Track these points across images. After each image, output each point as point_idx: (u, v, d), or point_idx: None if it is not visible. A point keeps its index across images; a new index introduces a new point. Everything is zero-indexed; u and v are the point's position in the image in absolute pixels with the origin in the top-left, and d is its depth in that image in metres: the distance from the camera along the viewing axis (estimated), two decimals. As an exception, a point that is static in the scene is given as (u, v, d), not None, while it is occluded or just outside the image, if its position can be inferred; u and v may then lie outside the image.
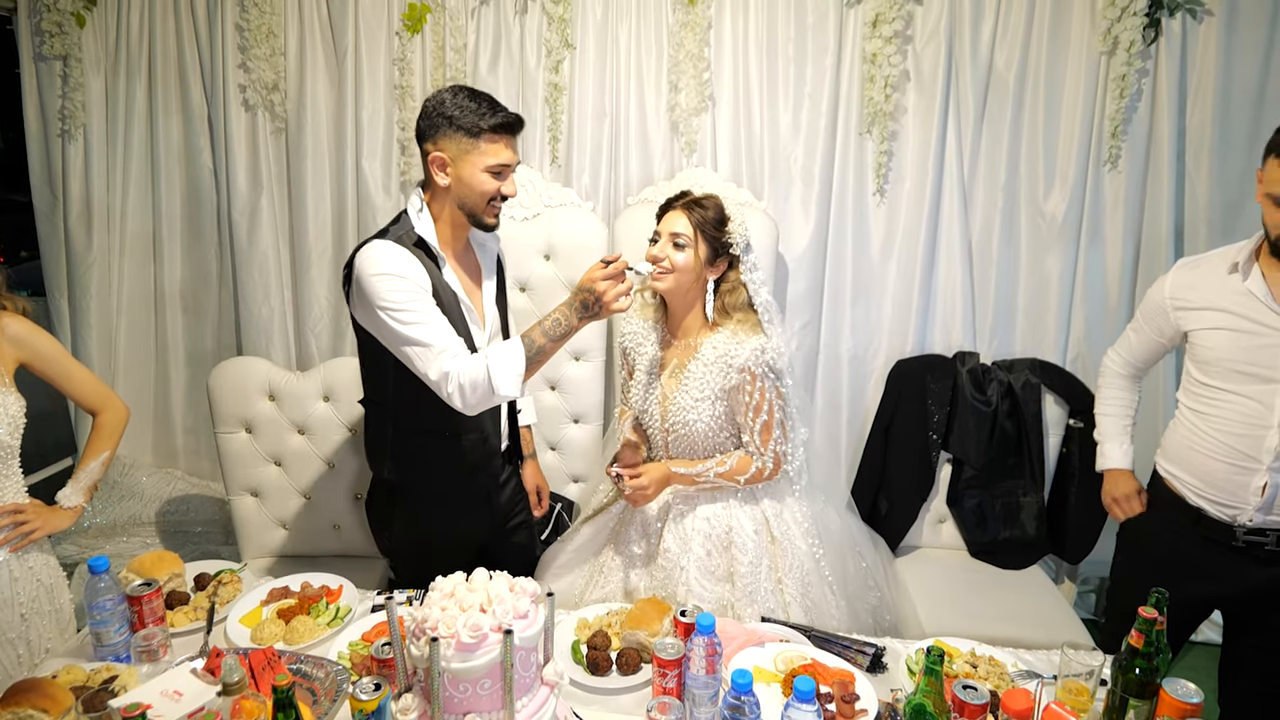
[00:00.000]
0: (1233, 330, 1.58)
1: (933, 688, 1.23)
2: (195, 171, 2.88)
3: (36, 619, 1.61)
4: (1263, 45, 2.39)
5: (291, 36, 2.70)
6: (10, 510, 1.57)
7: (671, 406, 1.83)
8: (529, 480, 2.09)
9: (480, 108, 1.59)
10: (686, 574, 1.79)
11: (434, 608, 1.07)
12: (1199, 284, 1.66)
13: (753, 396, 1.76)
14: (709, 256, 1.76)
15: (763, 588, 1.79)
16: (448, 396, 1.54)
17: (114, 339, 3.02)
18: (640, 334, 1.94)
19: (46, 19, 2.69)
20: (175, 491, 3.05)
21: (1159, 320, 1.75)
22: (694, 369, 1.79)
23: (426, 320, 1.55)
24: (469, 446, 1.77)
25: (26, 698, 1.23)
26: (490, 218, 1.67)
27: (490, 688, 1.05)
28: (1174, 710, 1.23)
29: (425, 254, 1.63)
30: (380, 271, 1.55)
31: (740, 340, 1.75)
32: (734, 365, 1.75)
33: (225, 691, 1.15)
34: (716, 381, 1.77)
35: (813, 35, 2.52)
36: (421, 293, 1.57)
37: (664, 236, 1.77)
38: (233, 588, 1.73)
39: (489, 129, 1.58)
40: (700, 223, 1.74)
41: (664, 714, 1.25)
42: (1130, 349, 1.88)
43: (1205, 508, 1.68)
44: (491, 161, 1.60)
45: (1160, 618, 1.27)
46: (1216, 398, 1.63)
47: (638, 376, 1.92)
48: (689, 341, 1.84)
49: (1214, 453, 1.64)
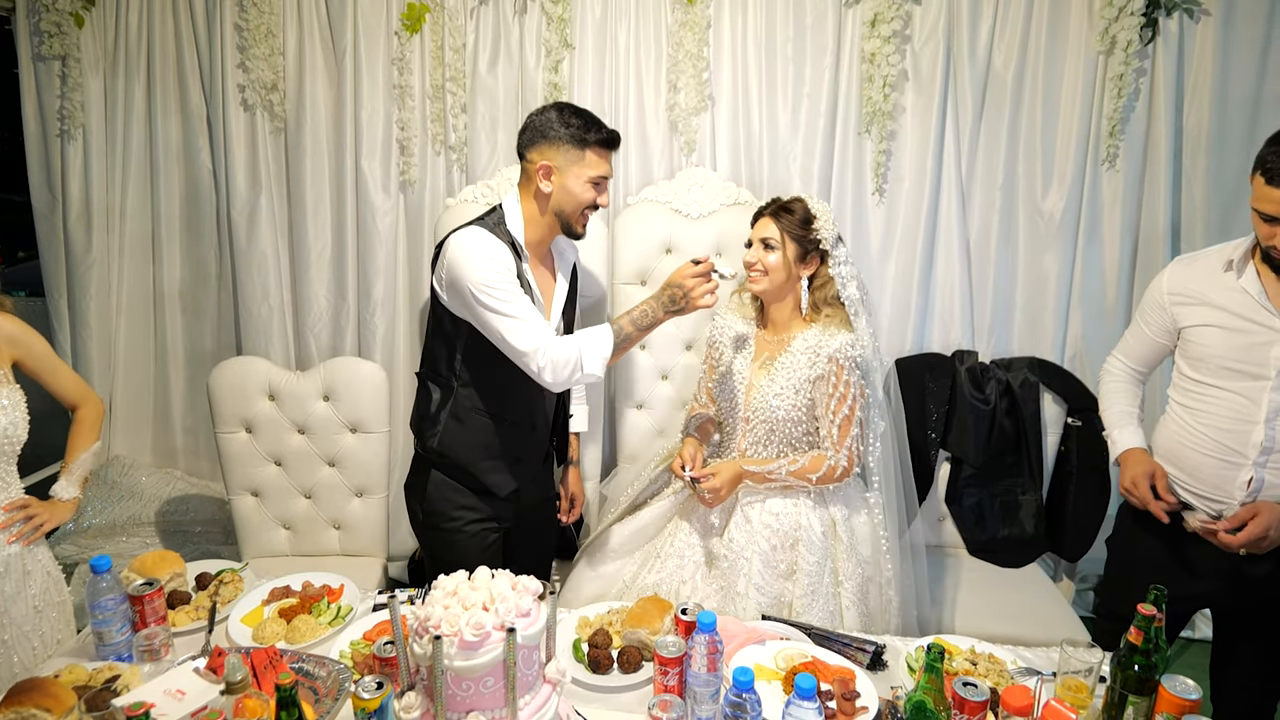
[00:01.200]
0: (1226, 328, 1.59)
1: (933, 685, 1.24)
2: (194, 171, 2.88)
3: (49, 611, 1.63)
4: (1259, 44, 2.41)
5: (290, 36, 2.70)
6: (19, 505, 1.58)
7: (756, 394, 1.88)
8: (568, 486, 2.17)
9: (586, 124, 1.72)
10: (750, 565, 1.82)
11: (437, 606, 1.08)
12: (1195, 280, 1.67)
13: (837, 388, 1.81)
14: (798, 255, 1.85)
15: (824, 588, 1.81)
16: (537, 370, 1.64)
17: (113, 339, 3.02)
18: (733, 328, 2.01)
19: (45, 19, 2.69)
20: (175, 491, 3.05)
21: (1158, 317, 1.75)
22: (784, 360, 1.86)
23: (517, 298, 1.66)
24: (518, 435, 1.85)
25: (30, 697, 1.23)
26: (580, 226, 1.78)
27: (493, 685, 1.06)
28: (1173, 707, 1.23)
29: (511, 248, 1.73)
30: (475, 253, 1.66)
31: (831, 334, 1.83)
32: (822, 355, 1.81)
33: (228, 690, 1.15)
34: (803, 371, 1.83)
35: (811, 35, 2.52)
36: (512, 275, 1.68)
37: (755, 242, 1.88)
38: (234, 587, 1.73)
39: (595, 142, 1.71)
40: (787, 225, 1.84)
41: (665, 712, 1.26)
42: (1130, 351, 1.87)
43: (1192, 502, 1.69)
44: (594, 173, 1.73)
45: (1159, 615, 1.28)
46: (1206, 394, 1.65)
47: (724, 367, 1.98)
48: (782, 336, 1.92)
49: (1201, 448, 1.66)
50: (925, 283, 2.65)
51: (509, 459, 1.84)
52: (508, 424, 1.83)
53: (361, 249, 2.81)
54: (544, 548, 2.13)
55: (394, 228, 2.79)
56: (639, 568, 1.96)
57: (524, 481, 1.89)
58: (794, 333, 1.89)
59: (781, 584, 1.83)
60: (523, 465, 1.88)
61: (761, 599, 1.81)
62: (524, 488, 1.88)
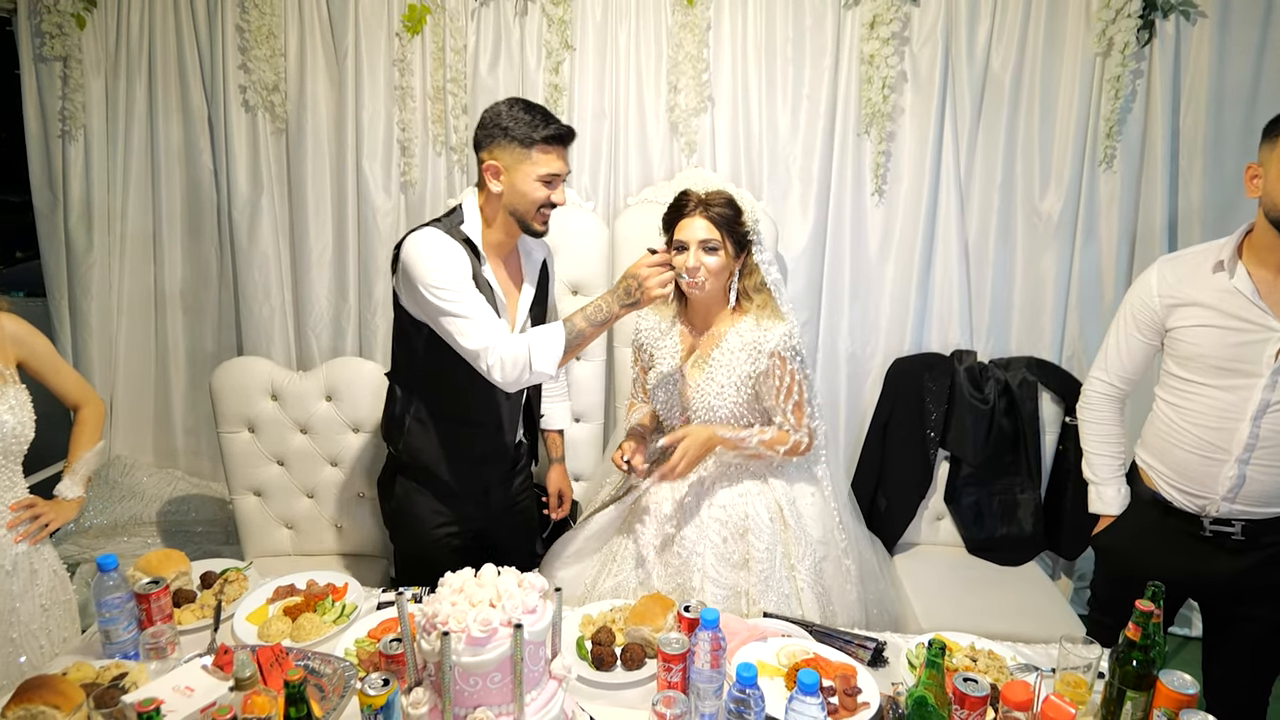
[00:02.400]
0: (1219, 327, 1.59)
1: (934, 680, 1.26)
2: (195, 172, 2.88)
3: (55, 609, 1.64)
4: (1255, 46, 2.42)
5: (292, 37, 2.71)
6: (25, 504, 1.59)
7: (695, 394, 1.85)
8: (553, 483, 2.15)
9: (534, 120, 1.66)
10: (703, 560, 1.81)
11: (444, 603, 1.09)
12: (1184, 280, 1.67)
13: (783, 380, 1.80)
14: (735, 251, 1.80)
15: (778, 574, 1.82)
16: (487, 369, 1.62)
17: (114, 339, 3.02)
18: (658, 329, 1.97)
19: (47, 20, 2.70)
20: (176, 492, 3.06)
21: (1147, 319, 1.73)
22: (719, 356, 1.83)
23: (469, 298, 1.64)
24: (482, 436, 1.84)
25: (39, 694, 1.24)
26: (539, 224, 1.73)
27: (500, 681, 1.07)
28: (1170, 701, 1.25)
29: (469, 249, 1.72)
30: (427, 254, 1.65)
31: (765, 328, 1.80)
32: (763, 351, 1.79)
33: (237, 686, 1.16)
34: (744, 368, 1.81)
35: (811, 36, 2.54)
36: (464, 276, 1.66)
37: (692, 245, 1.76)
38: (239, 586, 1.74)
39: (542, 139, 1.66)
40: (721, 221, 1.76)
41: (669, 708, 1.27)
42: (1121, 363, 1.81)
43: (1176, 497, 1.71)
44: (542, 171, 1.68)
45: (1157, 611, 1.29)
46: (1194, 391, 1.65)
47: (658, 369, 1.94)
48: (712, 331, 1.88)
49: (1186, 445, 1.67)
50: (924, 283, 2.66)
51: (474, 460, 1.83)
52: (471, 425, 1.82)
53: (362, 249, 2.82)
54: (529, 546, 2.12)
55: (395, 228, 2.80)
56: (598, 571, 1.94)
57: (492, 483, 1.88)
58: (723, 327, 1.85)
59: (735, 574, 1.83)
60: (490, 466, 1.87)
61: (717, 591, 1.80)
62: (493, 489, 1.87)
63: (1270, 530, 1.63)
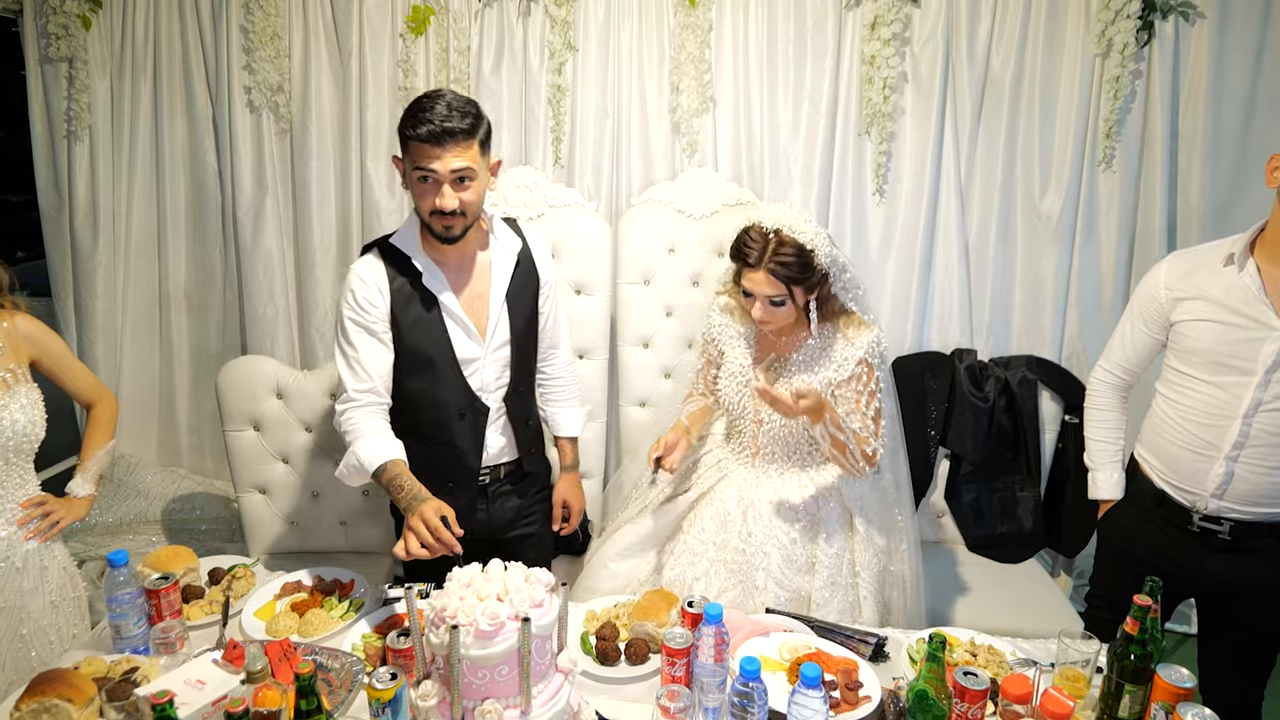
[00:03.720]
0: (1220, 322, 1.61)
1: (935, 674, 1.27)
2: (200, 172, 2.90)
3: (65, 606, 1.66)
4: (1254, 47, 2.44)
5: (296, 38, 2.72)
6: (37, 502, 1.61)
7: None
8: (558, 494, 2.04)
9: (405, 114, 1.56)
10: (769, 561, 1.78)
11: (453, 597, 1.11)
12: (1193, 274, 1.68)
13: (868, 385, 1.75)
14: (806, 291, 1.71)
15: (844, 581, 1.80)
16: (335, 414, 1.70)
17: (119, 338, 3.04)
18: (732, 329, 1.90)
19: (53, 21, 2.71)
20: (180, 490, 3.08)
21: (1153, 312, 1.75)
22: (797, 362, 1.78)
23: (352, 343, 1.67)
24: (440, 457, 1.77)
25: (52, 687, 1.26)
26: (438, 227, 1.61)
27: (508, 674, 1.09)
28: (1168, 695, 1.26)
29: (401, 265, 1.67)
30: (347, 284, 1.68)
31: (851, 338, 1.75)
32: (851, 359, 1.74)
33: (249, 679, 1.18)
34: (824, 374, 1.76)
35: (812, 37, 2.56)
36: (362, 319, 1.66)
37: (760, 301, 1.70)
38: (246, 582, 1.76)
39: (414, 139, 1.54)
40: (786, 276, 1.65)
41: (673, 701, 1.29)
42: (1125, 354, 1.85)
43: (1169, 492, 1.73)
44: (414, 166, 1.57)
45: (1154, 605, 1.31)
46: (1191, 387, 1.67)
47: (728, 367, 1.89)
48: (789, 338, 1.82)
49: (1179, 440, 1.70)
50: (924, 282, 2.68)
51: (440, 484, 1.66)
52: (428, 447, 1.76)
53: (366, 249, 2.84)
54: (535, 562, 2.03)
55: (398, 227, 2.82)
56: (653, 567, 1.94)
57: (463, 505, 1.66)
58: (801, 333, 1.79)
59: (800, 578, 1.80)
60: (459, 488, 1.77)
61: (781, 593, 1.78)
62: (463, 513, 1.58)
63: (1259, 534, 1.65)
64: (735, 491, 1.89)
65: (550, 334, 1.94)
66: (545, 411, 2.05)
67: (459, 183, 1.57)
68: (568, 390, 2.05)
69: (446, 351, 1.71)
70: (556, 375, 2.02)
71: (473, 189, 1.60)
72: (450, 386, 1.73)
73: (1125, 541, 1.85)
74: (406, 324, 1.68)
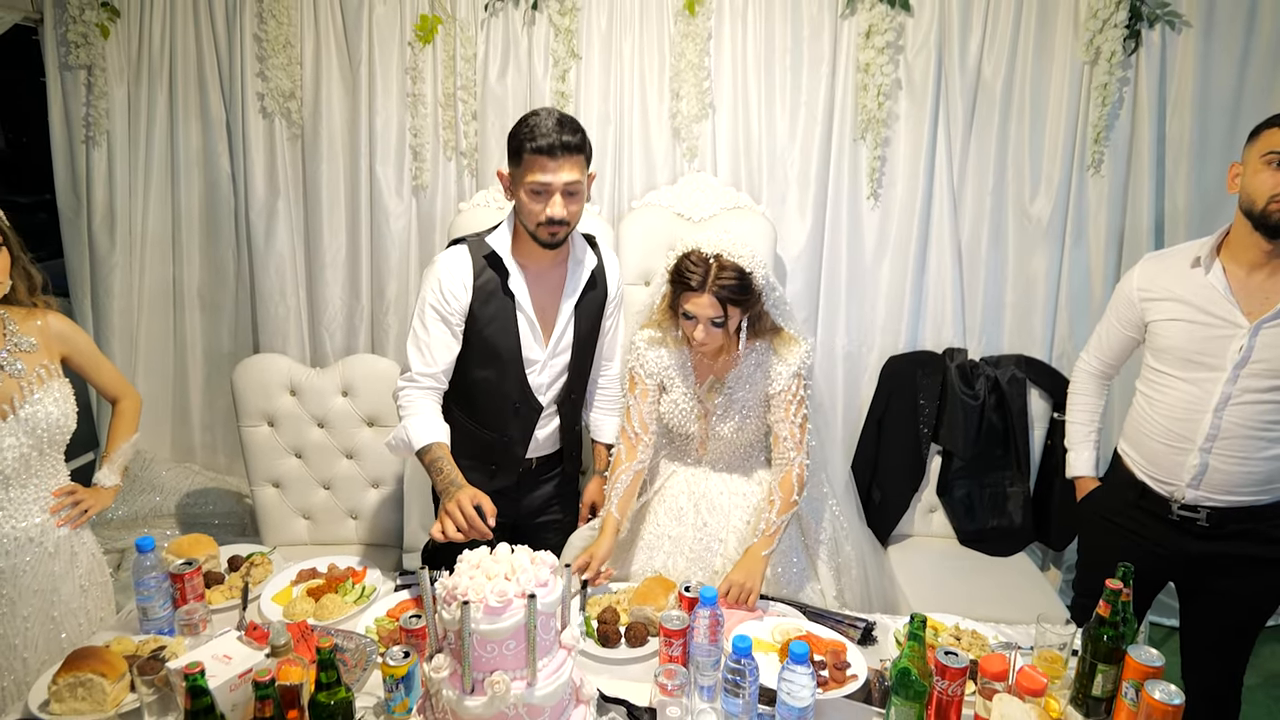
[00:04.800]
0: (1189, 321, 1.69)
1: (916, 653, 1.34)
2: (214, 176, 2.99)
3: (93, 590, 1.74)
4: (1238, 55, 2.50)
5: (308, 46, 2.81)
6: (67, 491, 1.69)
7: (716, 418, 1.92)
8: (588, 494, 2.12)
9: (522, 131, 1.66)
10: (726, 546, 1.91)
11: (463, 576, 1.19)
12: (1163, 276, 1.76)
13: (796, 394, 1.86)
14: (740, 313, 1.77)
15: (796, 551, 1.96)
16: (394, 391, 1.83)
17: (135, 337, 3.12)
18: (667, 357, 1.92)
19: (72, 29, 2.80)
20: (194, 485, 3.16)
21: (1127, 312, 1.84)
22: (736, 377, 1.87)
23: (428, 328, 1.78)
24: (491, 442, 1.90)
25: (86, 663, 1.35)
26: (544, 236, 1.71)
27: (515, 648, 1.16)
28: (1137, 673, 1.33)
29: (492, 263, 1.78)
30: (432, 273, 1.78)
31: (783, 355, 1.85)
32: (786, 373, 1.84)
33: (273, 653, 1.26)
34: (761, 387, 1.88)
35: (808, 46, 2.63)
36: (444, 304, 1.76)
37: (702, 323, 1.74)
38: (264, 569, 1.84)
39: (531, 150, 1.64)
40: (728, 298, 1.70)
41: (671, 679, 1.36)
42: (1102, 348, 1.96)
43: (1148, 484, 1.80)
44: (529, 179, 1.66)
45: (1126, 589, 1.38)
46: (1165, 383, 1.75)
47: (671, 396, 1.93)
48: (726, 357, 1.89)
49: (1156, 434, 1.77)
50: (918, 283, 2.75)
51: (485, 466, 1.87)
52: (481, 431, 1.89)
53: (375, 251, 2.92)
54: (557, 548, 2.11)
55: (406, 230, 2.90)
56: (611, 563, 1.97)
57: (505, 486, 1.89)
58: (736, 352, 1.86)
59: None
60: (501, 473, 1.91)
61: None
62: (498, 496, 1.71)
63: (1235, 519, 1.72)
64: (685, 486, 2.00)
65: (608, 347, 2.04)
66: (588, 417, 2.14)
67: (569, 195, 1.68)
68: (613, 401, 2.12)
69: (514, 349, 1.82)
70: (606, 386, 2.11)
71: (578, 200, 1.71)
72: (512, 381, 1.85)
73: (1108, 535, 1.92)
74: (485, 319, 1.79)
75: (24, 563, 1.61)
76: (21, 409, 1.57)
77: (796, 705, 1.28)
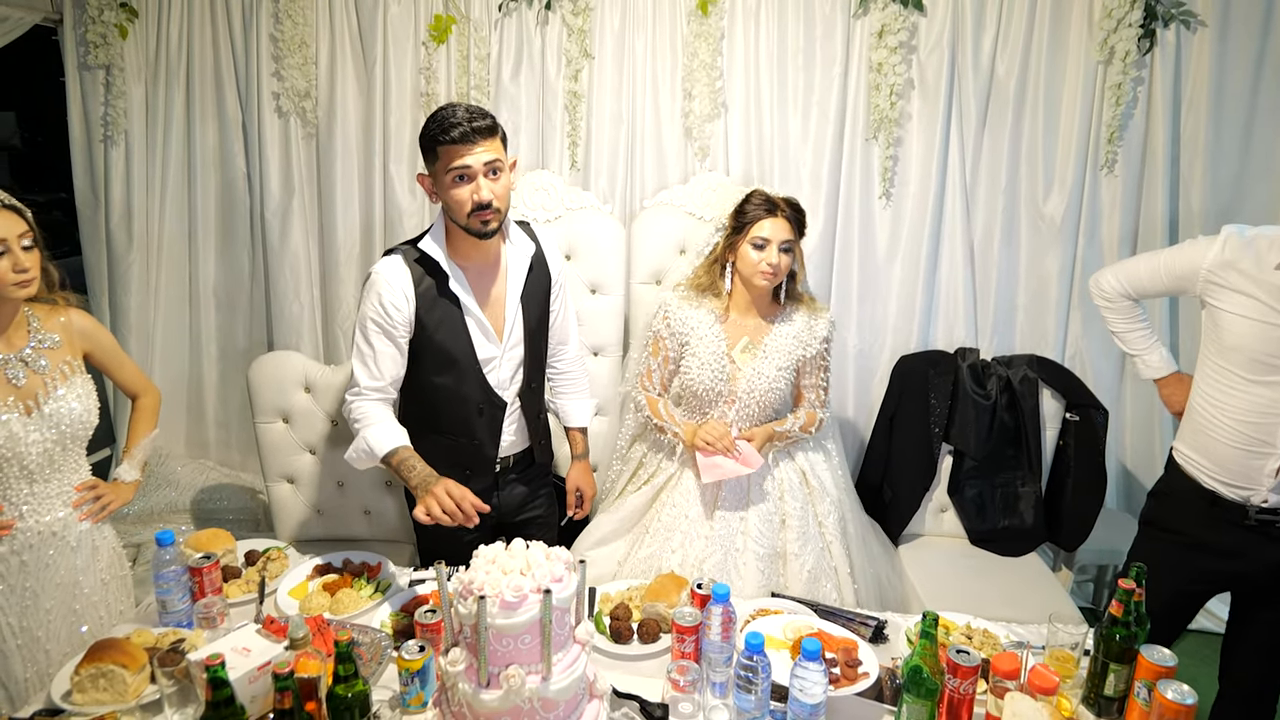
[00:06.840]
0: (1263, 322, 1.61)
1: (928, 651, 1.35)
2: (230, 175, 3.01)
3: (113, 583, 1.77)
4: (1254, 54, 2.49)
5: (323, 46, 2.83)
6: (89, 486, 1.71)
7: (746, 378, 2.04)
8: (572, 481, 2.13)
9: (431, 125, 1.65)
10: (747, 524, 2.04)
11: (479, 572, 1.20)
12: (1242, 266, 1.65)
13: (824, 360, 2.12)
14: (796, 250, 2.03)
15: (811, 531, 2.08)
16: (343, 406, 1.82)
17: (151, 334, 3.15)
18: (695, 318, 2.07)
19: (91, 30, 2.83)
20: (208, 481, 3.18)
21: (1186, 281, 1.75)
22: (771, 342, 2.05)
23: (369, 343, 1.75)
24: (460, 448, 1.86)
25: (108, 654, 1.37)
26: (476, 224, 1.68)
27: (530, 642, 1.18)
28: (1150, 673, 1.33)
29: (429, 268, 1.75)
30: (370, 286, 1.74)
31: (817, 318, 2.09)
32: (817, 337, 2.07)
33: (292, 645, 1.28)
34: (796, 352, 2.06)
35: (821, 45, 2.63)
36: (385, 323, 1.73)
37: (773, 244, 1.97)
38: (280, 564, 1.86)
39: (445, 143, 1.63)
40: (796, 224, 2.00)
41: (683, 675, 1.38)
42: (1134, 280, 1.88)
43: (1220, 490, 1.73)
44: (449, 165, 1.64)
45: (1138, 589, 1.38)
46: (1235, 386, 1.68)
47: (699, 356, 2.04)
48: (759, 321, 2.08)
49: (1229, 439, 1.70)
50: (930, 283, 2.75)
51: (459, 473, 1.75)
52: (447, 438, 1.85)
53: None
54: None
55: (419, 229, 2.86)
56: (629, 547, 2.09)
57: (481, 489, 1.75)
58: (770, 316, 2.08)
59: (775, 534, 2.05)
60: (475, 477, 1.83)
61: (759, 549, 2.01)
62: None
63: None
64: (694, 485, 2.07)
65: (559, 330, 2.03)
66: (555, 404, 2.14)
67: (492, 174, 1.67)
68: (577, 383, 2.14)
69: (468, 350, 1.79)
70: (566, 370, 2.11)
71: (502, 181, 1.70)
72: (471, 384, 1.82)
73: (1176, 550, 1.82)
74: (432, 325, 1.77)
75: (47, 556, 1.64)
76: (46, 405, 1.60)
77: (808, 702, 1.29)
